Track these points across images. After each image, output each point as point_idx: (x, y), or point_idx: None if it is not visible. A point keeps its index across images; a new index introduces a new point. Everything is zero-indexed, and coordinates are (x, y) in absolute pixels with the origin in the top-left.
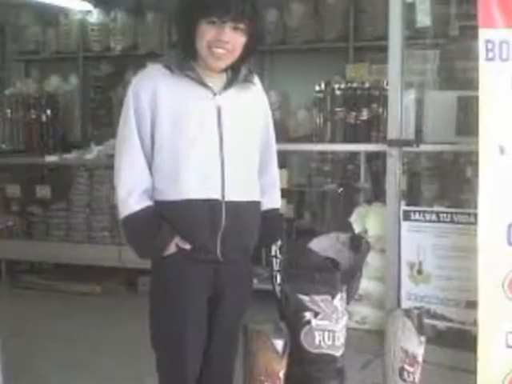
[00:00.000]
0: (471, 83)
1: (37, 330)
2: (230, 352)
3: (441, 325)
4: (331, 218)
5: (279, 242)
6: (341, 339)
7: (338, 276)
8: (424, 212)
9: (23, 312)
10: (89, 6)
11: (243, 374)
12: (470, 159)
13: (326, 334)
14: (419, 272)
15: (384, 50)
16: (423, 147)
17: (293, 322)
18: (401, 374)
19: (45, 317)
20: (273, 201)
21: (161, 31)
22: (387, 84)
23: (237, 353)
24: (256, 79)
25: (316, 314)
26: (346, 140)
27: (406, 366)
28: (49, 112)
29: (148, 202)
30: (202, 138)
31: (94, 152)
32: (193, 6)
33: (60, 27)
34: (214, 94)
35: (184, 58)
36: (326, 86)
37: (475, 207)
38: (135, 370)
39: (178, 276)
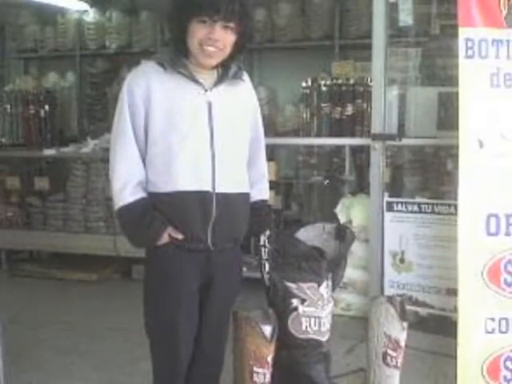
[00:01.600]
0: (451, 80)
1: (35, 317)
2: (221, 337)
3: (422, 311)
4: (317, 208)
5: (267, 232)
6: (326, 325)
7: (324, 264)
8: (406, 203)
9: (22, 299)
10: (85, 6)
11: (233, 358)
12: (451, 152)
13: (313, 320)
14: (402, 261)
15: (368, 47)
16: (405, 141)
17: (280, 309)
18: (384, 359)
19: (43, 303)
20: (261, 192)
21: (154, 30)
22: (371, 80)
23: (227, 338)
24: (245, 76)
25: (303, 301)
26: (331, 134)
27: (389, 351)
28: (47, 107)
29: (142, 194)
30: (194, 133)
31: (90, 146)
32: (185, 6)
33: (57, 26)
34: (205, 90)
35: (176, 55)
36: (312, 82)
37: (455, 198)
38: (130, 354)
39: (171, 264)
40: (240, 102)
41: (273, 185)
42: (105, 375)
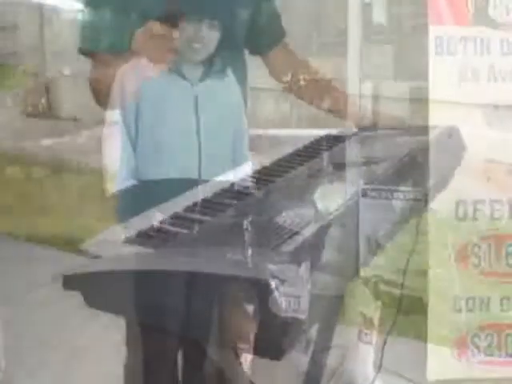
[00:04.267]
0: (422, 75)
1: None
2: None
3: (395, 292)
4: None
5: (250, 217)
6: (305, 304)
7: (304, 247)
8: (380, 190)
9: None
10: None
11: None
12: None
13: (292, 299)
14: (376, 244)
15: (344, 45)
16: (380, 132)
17: (262, 289)
18: (359, 336)
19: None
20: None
21: None
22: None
23: None
24: (230, 71)
25: (283, 282)
26: (310, 126)
27: (364, 329)
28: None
29: (132, 182)
30: (181, 125)
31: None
32: None
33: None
34: (192, 85)
35: None
36: (292, 76)
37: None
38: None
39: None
40: (225, 96)
41: None
42: None
